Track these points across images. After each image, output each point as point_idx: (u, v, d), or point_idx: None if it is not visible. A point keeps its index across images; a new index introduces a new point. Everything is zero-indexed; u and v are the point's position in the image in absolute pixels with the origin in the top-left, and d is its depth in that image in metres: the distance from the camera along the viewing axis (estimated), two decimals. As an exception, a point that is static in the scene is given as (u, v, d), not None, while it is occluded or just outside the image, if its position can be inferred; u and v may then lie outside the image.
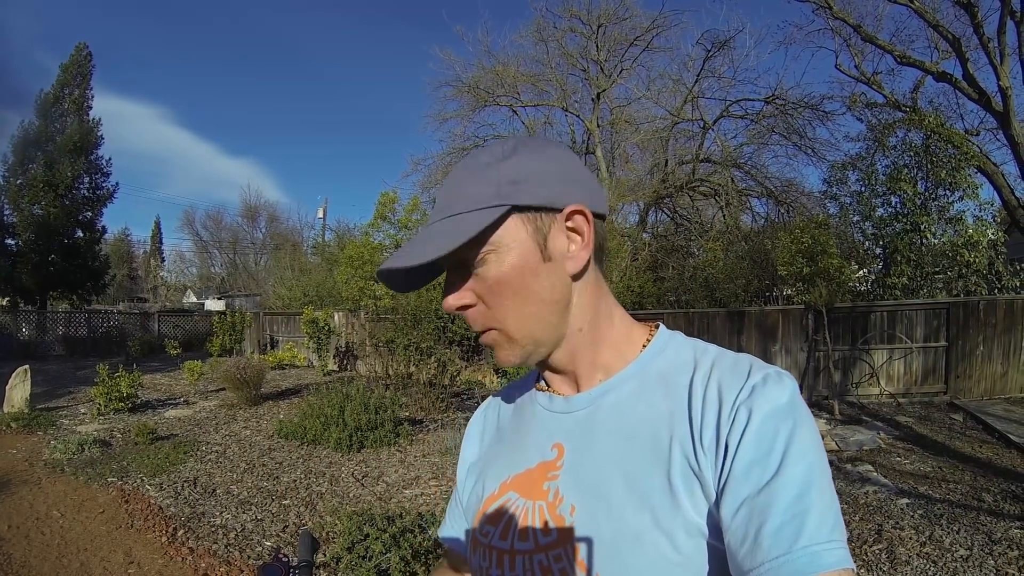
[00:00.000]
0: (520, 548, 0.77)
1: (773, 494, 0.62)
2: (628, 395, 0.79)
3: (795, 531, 0.59)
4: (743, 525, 0.62)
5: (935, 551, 4.34)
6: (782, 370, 0.73)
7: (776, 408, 0.67)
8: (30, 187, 21.52)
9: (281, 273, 29.83)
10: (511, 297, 0.76)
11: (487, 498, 0.86)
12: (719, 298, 13.66)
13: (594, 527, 0.72)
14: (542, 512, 0.78)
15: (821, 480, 0.63)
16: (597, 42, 19.28)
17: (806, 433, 0.66)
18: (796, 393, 0.70)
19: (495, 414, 0.99)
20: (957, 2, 11.24)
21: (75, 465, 6.91)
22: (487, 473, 0.90)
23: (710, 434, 0.69)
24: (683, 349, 0.81)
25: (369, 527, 3.90)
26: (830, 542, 0.60)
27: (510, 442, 0.90)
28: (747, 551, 0.61)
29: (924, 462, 6.69)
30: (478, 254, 0.75)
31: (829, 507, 0.62)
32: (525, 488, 0.82)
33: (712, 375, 0.73)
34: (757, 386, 0.69)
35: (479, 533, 0.84)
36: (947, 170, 11.96)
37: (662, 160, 19.02)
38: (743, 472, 0.64)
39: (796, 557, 0.58)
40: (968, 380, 10.04)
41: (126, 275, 49.50)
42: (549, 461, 0.81)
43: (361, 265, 15.96)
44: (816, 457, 0.65)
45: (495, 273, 0.75)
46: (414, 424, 8.73)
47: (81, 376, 13.86)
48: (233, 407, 10.49)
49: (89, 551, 4.62)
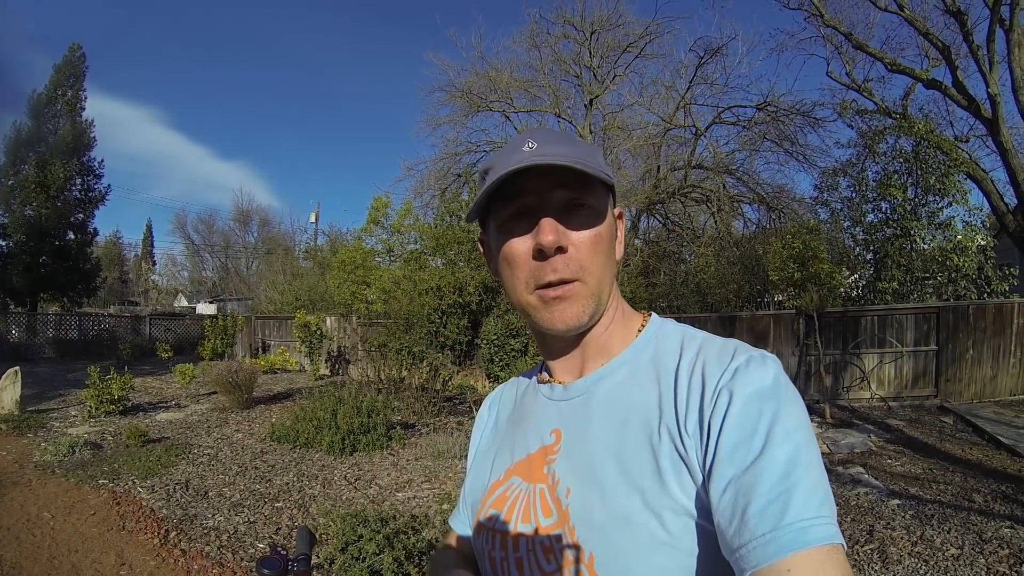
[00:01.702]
0: (523, 530, 0.80)
1: (758, 473, 0.63)
2: (621, 381, 0.82)
3: (781, 509, 0.60)
4: (730, 505, 0.63)
5: (926, 550, 4.36)
6: (767, 353, 0.74)
7: (759, 389, 0.68)
8: (22, 188, 21.36)
9: (273, 277, 29.71)
10: (602, 254, 0.81)
11: (492, 484, 0.89)
12: (711, 303, 13.71)
13: (588, 509, 0.74)
14: (543, 494, 0.80)
15: (807, 458, 0.64)
16: (590, 48, 19.32)
17: (791, 413, 0.67)
18: (780, 374, 0.71)
19: (499, 408, 1.02)
20: (947, 10, 11.33)
21: (66, 467, 6.87)
22: (493, 461, 0.92)
23: (694, 418, 0.70)
24: (673, 335, 0.83)
25: (363, 528, 3.89)
26: (817, 518, 0.60)
27: (513, 431, 0.93)
28: (735, 530, 0.62)
29: (915, 464, 6.73)
30: (589, 207, 0.80)
31: (817, 484, 0.63)
32: (527, 472, 0.84)
33: (698, 360, 0.75)
34: (740, 368, 0.71)
35: (483, 517, 0.87)
36: (937, 176, 12.04)
37: (654, 166, 19.04)
38: (728, 454, 0.65)
39: (782, 534, 0.59)
40: (958, 383, 10.10)
41: (117, 278, 49.19)
42: (548, 445, 0.84)
43: (353, 269, 15.96)
44: (802, 436, 0.66)
45: (596, 230, 0.80)
46: (406, 428, 8.71)
47: (72, 379, 13.75)
48: (225, 411, 10.44)
49: (80, 552, 4.59)
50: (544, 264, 0.78)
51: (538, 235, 0.77)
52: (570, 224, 0.78)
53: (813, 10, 13.27)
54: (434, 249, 15.73)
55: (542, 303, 0.80)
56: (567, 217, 0.78)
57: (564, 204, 0.78)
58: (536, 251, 0.78)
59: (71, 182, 22.80)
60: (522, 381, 1.00)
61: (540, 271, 0.78)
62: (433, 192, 20.30)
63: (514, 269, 0.81)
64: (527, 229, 0.79)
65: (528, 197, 0.79)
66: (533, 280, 0.79)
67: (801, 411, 0.69)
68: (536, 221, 0.78)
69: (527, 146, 0.78)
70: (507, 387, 1.04)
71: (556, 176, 0.77)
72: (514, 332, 12.11)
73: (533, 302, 0.81)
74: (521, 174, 0.76)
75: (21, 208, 21.43)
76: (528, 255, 0.79)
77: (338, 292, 16.22)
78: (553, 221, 0.77)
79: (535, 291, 0.80)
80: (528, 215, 0.79)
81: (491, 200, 0.82)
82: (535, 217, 0.78)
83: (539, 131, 0.83)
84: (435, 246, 15.52)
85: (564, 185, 0.78)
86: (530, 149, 0.78)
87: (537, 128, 0.87)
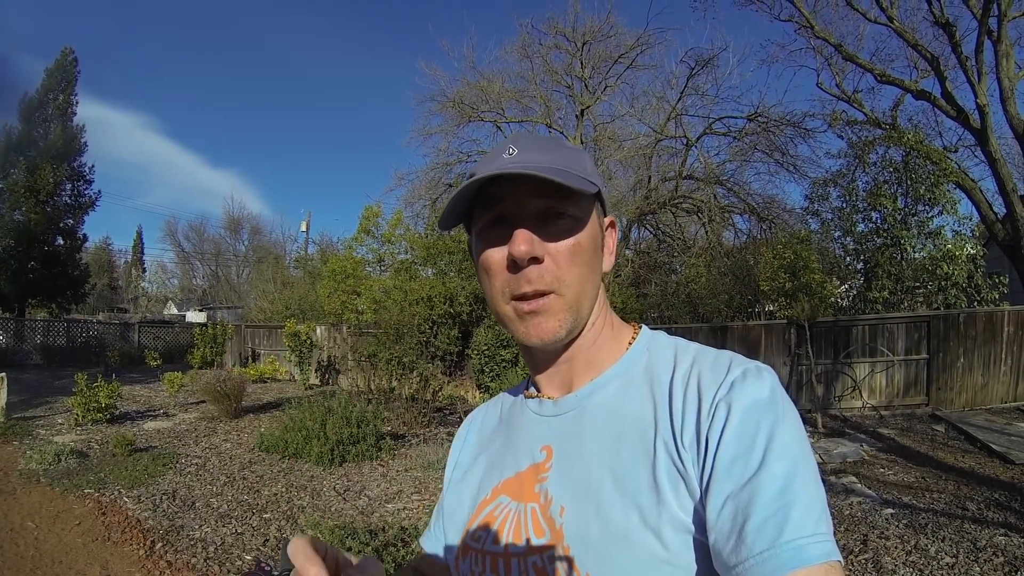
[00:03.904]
0: (514, 551, 0.77)
1: (756, 489, 0.61)
2: (613, 394, 0.80)
3: (778, 526, 0.59)
4: (727, 521, 0.62)
5: (921, 560, 4.34)
6: (763, 365, 0.73)
7: (756, 402, 0.67)
8: (11, 192, 21.18)
9: (263, 286, 29.62)
10: (582, 264, 0.78)
11: (479, 503, 0.86)
12: (702, 314, 13.74)
13: (583, 527, 0.72)
14: (535, 514, 0.77)
15: (805, 473, 0.63)
16: (582, 59, 19.37)
17: (788, 427, 0.66)
18: (777, 387, 0.70)
19: (482, 424, 0.99)
20: (936, 22, 11.44)
21: (51, 475, 6.78)
22: (479, 479, 0.90)
23: (691, 432, 0.69)
24: (666, 347, 0.82)
25: (351, 540, 3.85)
26: (815, 535, 0.59)
27: (500, 449, 0.90)
28: (732, 547, 0.61)
29: (908, 473, 6.72)
30: (569, 215, 0.77)
31: (814, 500, 0.61)
32: (516, 491, 0.82)
33: (692, 372, 0.74)
34: (736, 382, 0.69)
35: (470, 539, 0.84)
36: (926, 186, 12.15)
37: (645, 177, 19.09)
38: (725, 468, 0.64)
39: (779, 552, 0.58)
40: (949, 392, 10.13)
41: (107, 285, 48.92)
42: (539, 463, 0.81)
43: (344, 279, 15.90)
44: (799, 450, 0.65)
45: (575, 239, 0.77)
46: (396, 439, 8.66)
47: (59, 386, 13.63)
48: (213, 420, 10.36)
49: (64, 564, 4.51)
50: (518, 275, 0.76)
51: (511, 245, 0.75)
52: (547, 233, 0.76)
53: (803, 22, 13.37)
54: (425, 259, 15.70)
55: (517, 316, 0.78)
56: (545, 226, 0.76)
57: (542, 212, 0.76)
58: (510, 261, 0.76)
59: (61, 187, 22.64)
60: (507, 398, 0.97)
61: (515, 281, 0.76)
62: (424, 202, 20.25)
63: (491, 278, 0.79)
64: (504, 237, 0.76)
65: (506, 204, 0.77)
66: (508, 290, 0.77)
67: (797, 424, 0.68)
68: (513, 230, 0.75)
69: (507, 152, 0.77)
70: (491, 404, 1.01)
71: (534, 184, 0.74)
72: (504, 343, 12.08)
73: (509, 313, 0.78)
74: (500, 181, 0.75)
75: (10, 212, 21.25)
76: (504, 264, 0.77)
77: (328, 301, 16.14)
78: (526, 232, 0.74)
79: (511, 301, 0.78)
80: (505, 223, 0.77)
81: (474, 206, 0.81)
82: (512, 226, 0.76)
83: (524, 137, 0.81)
84: (426, 256, 15.49)
85: (542, 193, 0.75)
86: (510, 155, 0.76)
87: (523, 134, 0.85)
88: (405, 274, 15.47)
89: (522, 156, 0.76)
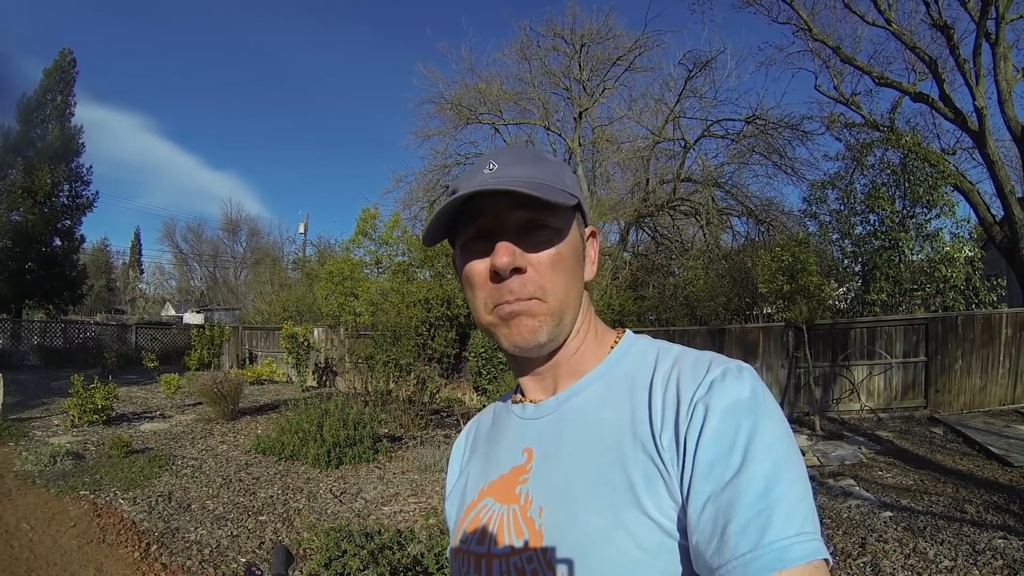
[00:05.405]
0: (496, 552, 0.78)
1: (737, 491, 0.61)
2: (593, 397, 0.81)
3: (761, 527, 0.59)
4: (709, 523, 0.62)
5: (920, 563, 4.33)
6: (744, 364, 0.73)
7: (736, 403, 0.67)
8: (8, 193, 21.01)
9: (261, 288, 29.52)
10: (564, 273, 0.79)
11: (467, 506, 0.88)
12: (700, 316, 13.70)
13: (561, 528, 0.72)
14: (515, 515, 0.79)
15: (789, 473, 0.62)
16: (580, 61, 19.41)
17: (771, 427, 0.66)
18: (759, 386, 0.70)
19: (476, 432, 1.01)
20: (934, 24, 11.47)
21: (47, 477, 6.76)
22: (466, 483, 0.92)
23: (670, 432, 0.69)
24: (647, 350, 0.83)
25: (347, 543, 3.81)
26: (799, 535, 0.58)
27: (487, 453, 0.92)
28: (714, 549, 0.60)
29: (906, 475, 6.71)
30: (550, 227, 0.79)
31: (799, 500, 0.61)
32: (500, 493, 0.84)
33: (672, 373, 0.75)
34: (715, 381, 0.69)
35: (460, 540, 0.86)
36: (924, 188, 12.12)
37: (643, 179, 19.09)
38: (705, 470, 0.64)
39: (762, 554, 0.58)
40: (948, 394, 10.12)
41: (104, 286, 48.81)
42: (520, 465, 0.83)
43: (341, 281, 15.87)
44: (783, 450, 0.64)
45: (556, 249, 0.79)
46: (393, 441, 8.64)
47: (56, 387, 13.58)
48: (210, 421, 10.33)
49: (59, 566, 4.49)
50: (501, 286, 0.77)
51: (493, 257, 0.76)
52: (529, 245, 0.78)
53: (801, 24, 13.41)
54: (422, 261, 15.69)
55: (500, 320, 0.79)
56: (526, 238, 0.78)
57: (523, 225, 0.78)
58: (492, 273, 0.77)
59: (59, 188, 22.50)
60: (499, 404, 0.99)
61: (498, 292, 0.78)
62: (422, 204, 20.26)
63: (475, 290, 0.81)
64: (486, 250, 0.78)
65: (487, 218, 0.79)
66: (492, 301, 0.79)
67: (781, 423, 0.67)
68: (495, 243, 0.77)
69: (488, 167, 0.79)
70: (485, 413, 1.03)
71: (514, 197, 0.76)
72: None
73: (493, 321, 0.80)
74: (481, 195, 0.76)
75: (7, 213, 21.10)
76: (487, 276, 0.79)
77: (326, 303, 16.12)
78: (508, 244, 0.76)
79: (493, 310, 0.79)
80: (487, 236, 0.79)
81: (457, 220, 0.82)
82: (494, 239, 0.78)
83: (504, 151, 0.83)
84: (423, 258, 15.48)
85: (522, 206, 0.77)
86: (491, 171, 0.78)
87: (504, 148, 0.87)
88: (402, 276, 15.45)
89: (502, 171, 0.78)
